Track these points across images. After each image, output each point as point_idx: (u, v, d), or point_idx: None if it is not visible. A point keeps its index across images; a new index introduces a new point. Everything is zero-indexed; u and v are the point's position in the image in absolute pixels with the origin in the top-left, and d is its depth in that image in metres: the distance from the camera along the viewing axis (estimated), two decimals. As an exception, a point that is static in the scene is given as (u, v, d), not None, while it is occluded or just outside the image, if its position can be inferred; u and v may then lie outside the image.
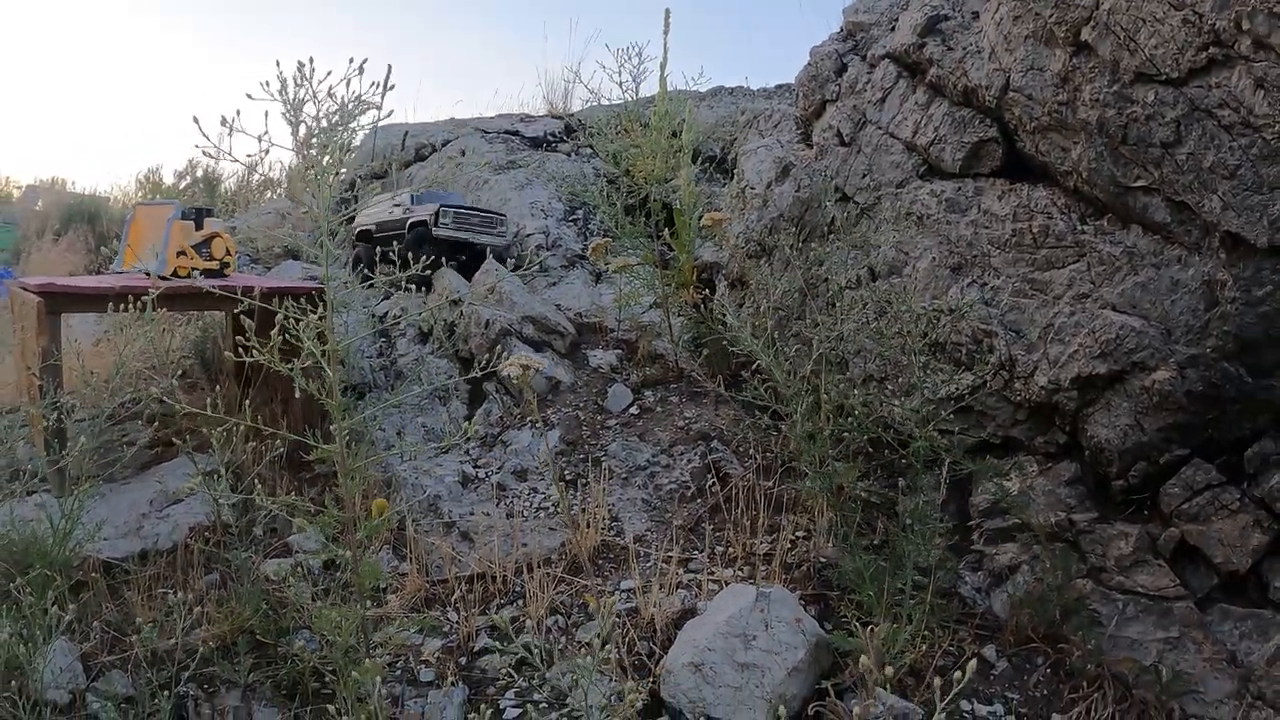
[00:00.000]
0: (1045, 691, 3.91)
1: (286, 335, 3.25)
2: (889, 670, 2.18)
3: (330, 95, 3.50)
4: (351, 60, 3.50)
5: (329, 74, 3.49)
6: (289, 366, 3.20)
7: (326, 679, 3.76)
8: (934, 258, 4.68)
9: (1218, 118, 3.79)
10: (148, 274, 5.77)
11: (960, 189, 4.66)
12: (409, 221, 9.42)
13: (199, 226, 5.97)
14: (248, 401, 3.57)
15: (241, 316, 3.32)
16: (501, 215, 9.87)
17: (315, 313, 3.37)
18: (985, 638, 4.13)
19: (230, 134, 3.37)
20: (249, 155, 3.36)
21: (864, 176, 5.20)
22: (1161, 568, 4.05)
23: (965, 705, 3.71)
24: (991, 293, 4.43)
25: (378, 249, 4.38)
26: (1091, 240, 4.19)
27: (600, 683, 3.53)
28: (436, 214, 9.04)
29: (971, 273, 4.52)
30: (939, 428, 4.52)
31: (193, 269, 5.74)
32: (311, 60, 3.44)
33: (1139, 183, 4.01)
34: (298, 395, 3.24)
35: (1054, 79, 4.26)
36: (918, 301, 4.62)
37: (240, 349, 3.23)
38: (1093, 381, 4.08)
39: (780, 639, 3.63)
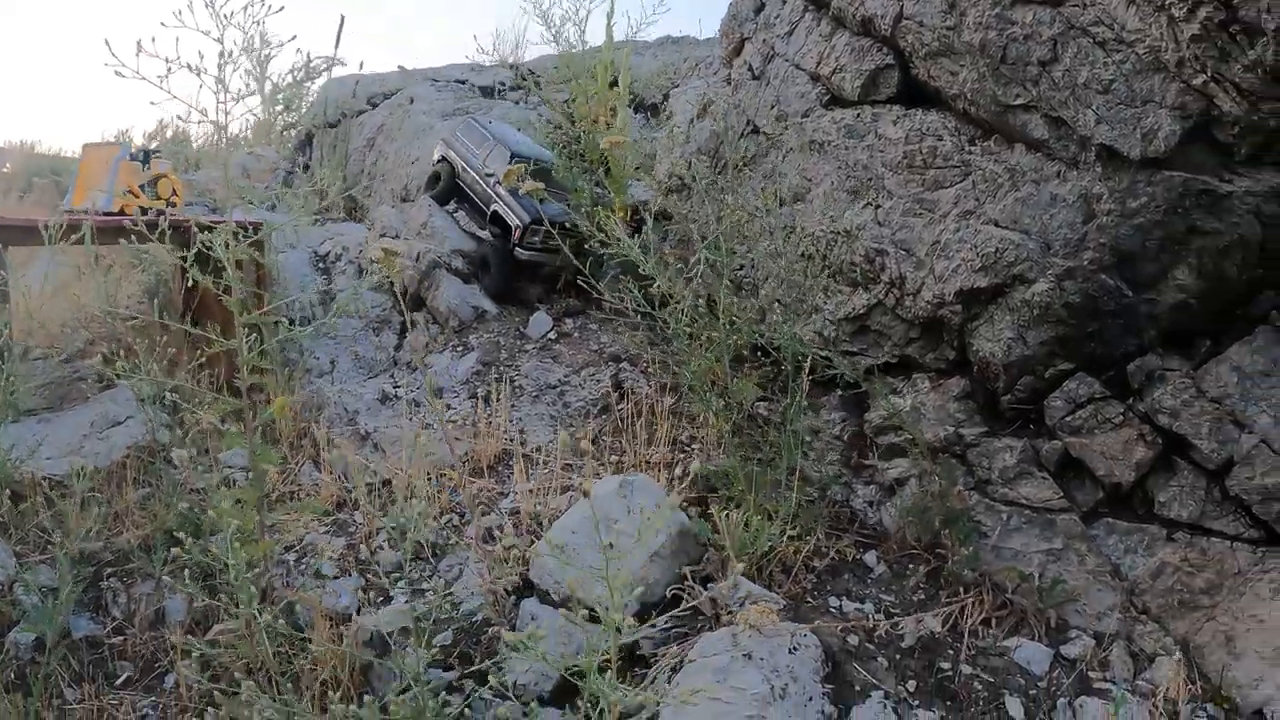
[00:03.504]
0: (922, 595, 3.91)
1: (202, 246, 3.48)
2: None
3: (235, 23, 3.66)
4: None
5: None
6: (182, 257, 3.40)
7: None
8: (833, 182, 4.63)
9: (1092, 35, 3.77)
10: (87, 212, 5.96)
11: (859, 116, 4.61)
12: (492, 210, 7.52)
13: (146, 168, 6.16)
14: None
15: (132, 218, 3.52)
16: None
17: (250, 239, 3.59)
18: (869, 545, 4.15)
19: (138, 55, 3.53)
20: (168, 93, 3.53)
21: (772, 108, 5.15)
22: (1045, 480, 4.07)
23: (834, 602, 3.71)
24: (884, 214, 4.38)
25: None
26: (977, 159, 4.16)
27: (480, 569, 3.69)
28: (524, 230, 7.13)
29: (867, 195, 4.46)
30: (841, 349, 4.62)
31: (139, 207, 5.92)
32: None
33: (1019, 101, 3.96)
34: (191, 285, 3.42)
35: (942, 5, 4.16)
36: (817, 225, 4.66)
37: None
38: (975, 295, 4.04)
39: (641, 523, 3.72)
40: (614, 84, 6.89)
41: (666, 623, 3.49)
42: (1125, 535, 3.87)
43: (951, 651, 3.60)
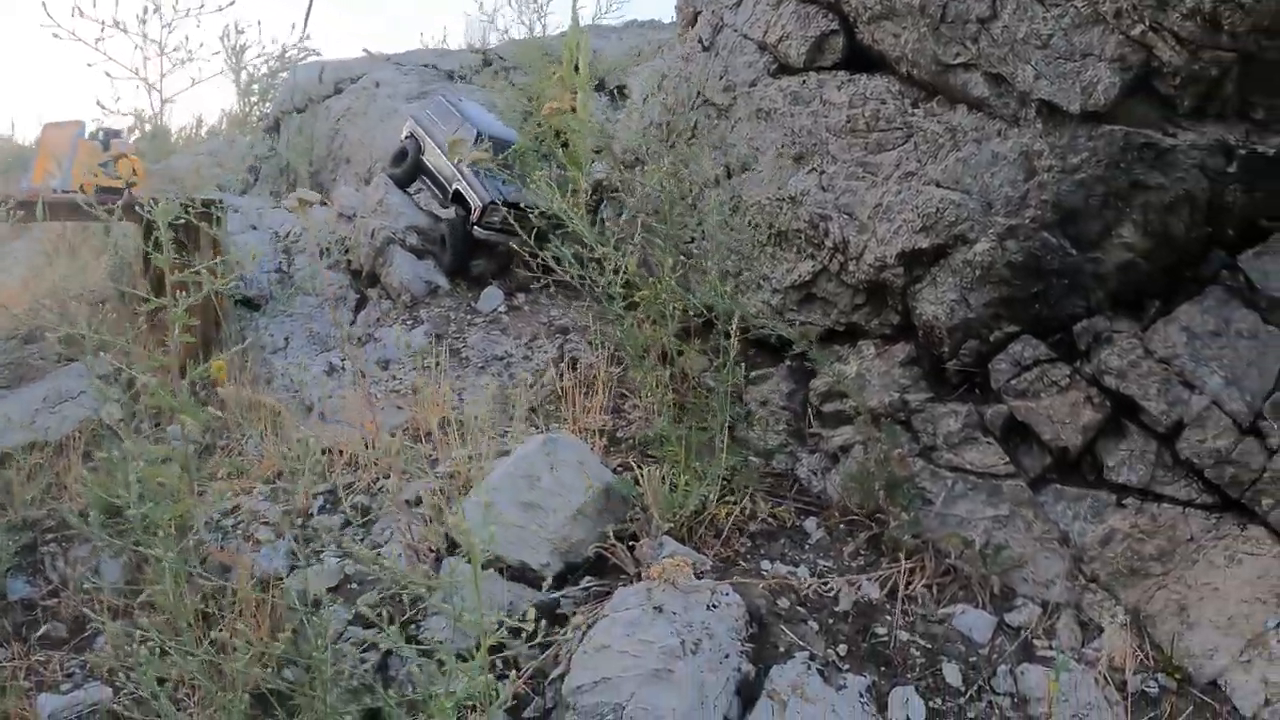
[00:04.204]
0: (861, 562, 3.74)
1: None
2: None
3: None
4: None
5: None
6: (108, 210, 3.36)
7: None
8: (778, 150, 4.51)
9: (1031, -12, 3.75)
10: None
11: (805, 83, 4.49)
12: (454, 188, 7.27)
13: (106, 147, 6.15)
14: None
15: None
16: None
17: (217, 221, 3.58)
18: (810, 512, 4.02)
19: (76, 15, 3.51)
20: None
21: (721, 78, 5.03)
22: (991, 445, 3.90)
23: (767, 566, 3.57)
24: (828, 179, 4.25)
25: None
26: (919, 121, 3.97)
27: (405, 530, 3.61)
28: (485, 210, 6.96)
29: (811, 161, 4.34)
30: (788, 319, 4.51)
31: (97, 187, 5.89)
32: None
33: (959, 60, 3.77)
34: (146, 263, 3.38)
35: (885, -36, 4.19)
36: (763, 193, 4.51)
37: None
38: (917, 257, 3.90)
39: (564, 480, 3.54)
40: (577, 68, 6.88)
41: (587, 582, 3.40)
42: (1074, 501, 3.73)
43: (889, 617, 3.46)
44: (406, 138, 8.05)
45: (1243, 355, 3.51)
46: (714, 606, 3.04)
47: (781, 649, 3.15)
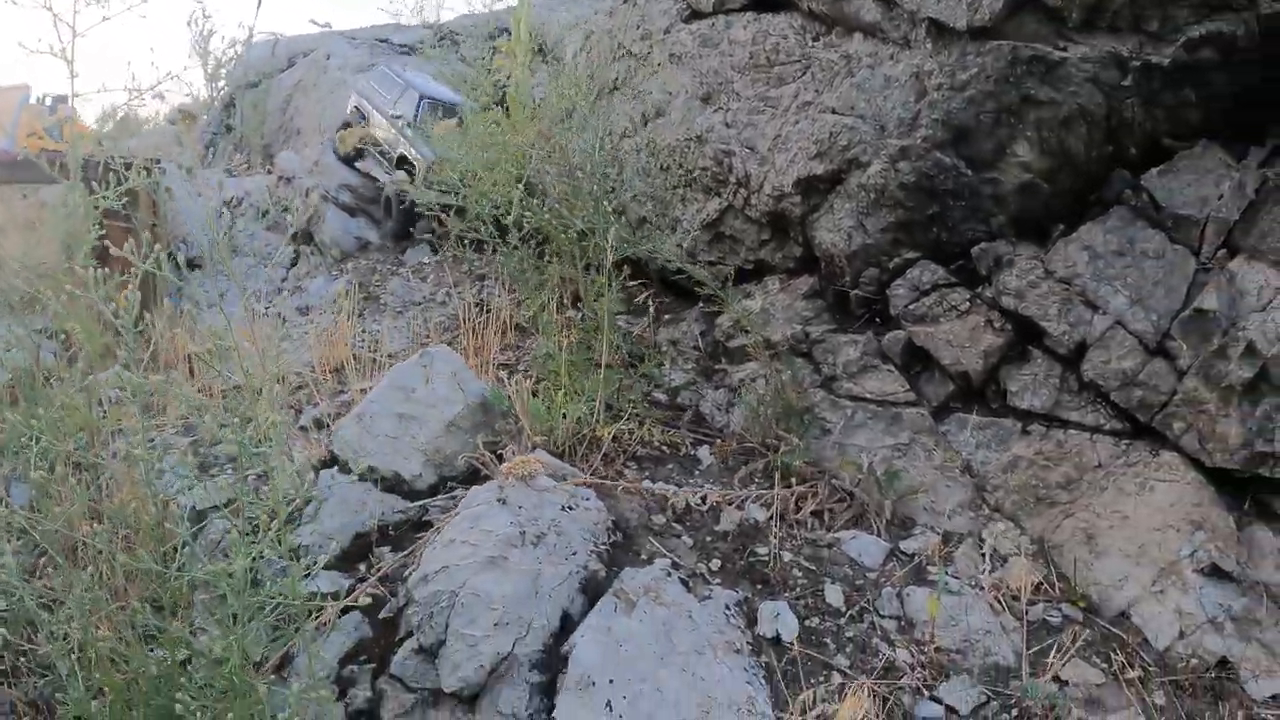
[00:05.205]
0: (755, 488, 3.56)
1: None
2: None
3: None
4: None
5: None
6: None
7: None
8: (688, 92, 4.43)
9: (916, -94, 3.67)
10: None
11: (714, 25, 4.43)
12: (399, 152, 7.39)
13: (52, 112, 6.29)
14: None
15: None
16: None
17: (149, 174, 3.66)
18: (706, 442, 3.89)
19: None
20: None
21: (638, 28, 4.98)
22: (891, 373, 3.71)
23: (648, 485, 3.45)
24: (732, 115, 4.16)
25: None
26: (818, 52, 3.86)
27: (300, 452, 3.58)
28: (428, 169, 6.84)
29: (718, 100, 4.24)
30: (701, 260, 4.46)
31: (43, 149, 5.97)
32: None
33: None
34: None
35: (778, -104, 4.14)
36: (674, 135, 4.42)
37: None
38: (814, 184, 3.79)
39: (439, 393, 3.49)
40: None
41: (458, 492, 3.33)
42: (978, 430, 3.59)
43: (774, 540, 3.37)
44: (351, 112, 8.04)
45: (1148, 275, 3.37)
46: (570, 508, 2.95)
47: (645, 557, 3.05)
